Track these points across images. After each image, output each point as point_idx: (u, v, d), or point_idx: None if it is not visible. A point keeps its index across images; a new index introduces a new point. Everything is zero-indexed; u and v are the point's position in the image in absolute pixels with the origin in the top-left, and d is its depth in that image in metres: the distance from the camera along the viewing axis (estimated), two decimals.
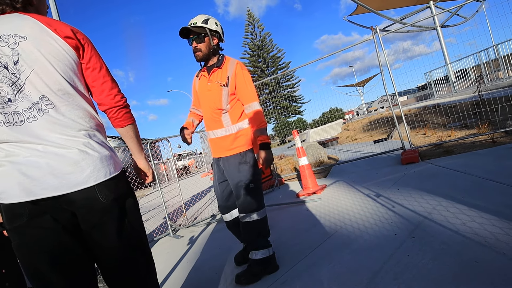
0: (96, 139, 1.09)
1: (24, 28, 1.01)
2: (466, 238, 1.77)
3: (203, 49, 2.06)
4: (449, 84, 12.72)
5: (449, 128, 5.66)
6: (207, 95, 2.12)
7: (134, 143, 1.26)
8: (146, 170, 1.36)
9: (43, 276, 0.98)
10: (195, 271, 2.52)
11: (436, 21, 13.00)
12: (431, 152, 4.55)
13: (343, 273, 1.80)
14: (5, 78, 0.97)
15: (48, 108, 1.00)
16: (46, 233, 0.98)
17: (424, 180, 3.22)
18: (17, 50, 0.99)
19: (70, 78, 1.06)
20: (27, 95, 0.98)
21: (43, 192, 0.95)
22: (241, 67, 2.07)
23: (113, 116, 1.17)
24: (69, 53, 1.06)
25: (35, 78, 0.99)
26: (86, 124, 1.07)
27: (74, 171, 0.98)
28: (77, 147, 1.01)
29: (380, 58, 4.74)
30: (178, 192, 4.57)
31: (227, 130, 2.08)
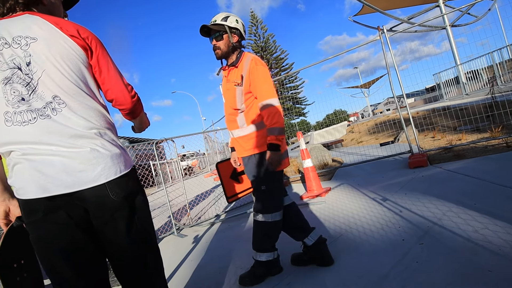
0: (107, 137, 1.11)
1: (35, 29, 1.04)
2: (479, 246, 1.70)
3: (221, 46, 2.02)
4: (460, 85, 12.48)
5: (460, 132, 5.54)
6: (226, 95, 2.10)
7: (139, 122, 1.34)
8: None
9: (57, 269, 1.02)
10: (199, 270, 2.50)
11: (446, 20, 12.77)
12: (440, 156, 4.45)
13: (349, 277, 1.76)
14: (19, 79, 1.01)
15: (61, 107, 1.03)
16: (60, 228, 1.02)
17: (433, 185, 3.13)
18: (29, 51, 1.02)
19: (80, 77, 1.08)
20: (40, 95, 1.02)
21: (57, 189, 0.98)
22: (255, 63, 1.96)
23: (125, 111, 1.21)
24: (77, 52, 1.08)
25: (47, 78, 1.02)
26: (97, 122, 1.09)
27: (86, 169, 1.01)
28: (88, 146, 1.04)
29: (387, 59, 4.65)
30: (182, 191, 4.56)
31: (242, 131, 2.04)
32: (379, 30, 4.64)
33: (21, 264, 1.19)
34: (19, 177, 1.00)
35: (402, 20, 12.08)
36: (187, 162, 17.43)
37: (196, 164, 17.70)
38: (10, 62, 1.01)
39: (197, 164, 17.72)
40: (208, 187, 7.26)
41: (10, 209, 1.17)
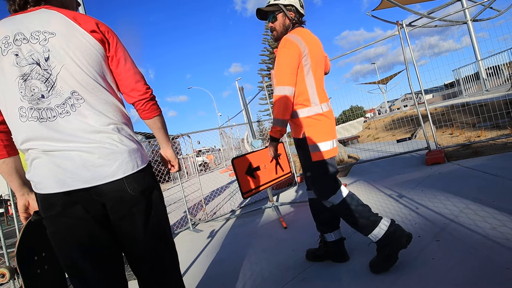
0: (124, 132, 1.11)
1: (53, 24, 1.03)
2: (497, 243, 1.69)
3: (277, 27, 1.94)
4: (480, 81, 12.08)
5: (479, 128, 5.39)
6: None
7: (161, 133, 1.28)
8: (173, 160, 1.37)
9: (74, 263, 1.03)
10: (214, 265, 2.56)
11: (467, 15, 12.36)
12: (458, 152, 4.36)
13: (364, 273, 1.78)
14: (38, 74, 1.01)
15: (80, 102, 1.03)
16: (77, 222, 1.03)
17: (451, 182, 3.09)
18: (47, 46, 1.01)
19: (98, 72, 1.08)
20: (59, 91, 1.02)
21: (76, 184, 0.99)
22: (282, 43, 1.83)
23: (140, 108, 1.19)
24: (95, 47, 1.07)
25: (65, 73, 1.02)
26: (115, 118, 1.09)
27: (104, 164, 1.02)
28: (106, 141, 1.04)
29: (406, 54, 4.58)
30: (198, 187, 4.64)
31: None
32: (398, 25, 4.56)
33: (42, 257, 1.20)
34: (38, 172, 1.01)
35: (422, 15, 11.73)
36: (202, 157, 17.62)
37: (212, 159, 17.81)
38: (29, 57, 1.00)
39: (212, 159, 17.83)
40: (223, 182, 7.35)
41: (30, 203, 1.18)
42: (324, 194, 1.86)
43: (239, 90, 4.82)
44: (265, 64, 41.92)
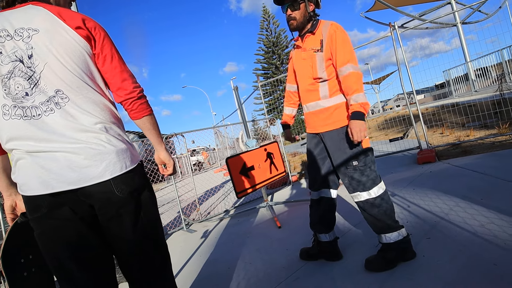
0: (113, 132, 1.08)
1: (37, 20, 1.00)
2: (485, 240, 1.74)
3: (297, 16, 1.89)
4: (469, 82, 12.32)
5: (468, 128, 5.50)
6: (302, 65, 1.96)
7: (152, 134, 1.23)
8: (167, 162, 1.33)
9: (62, 265, 1.01)
10: (208, 265, 2.55)
11: (457, 18, 12.59)
12: (448, 152, 4.44)
13: (357, 272, 1.80)
14: (21, 72, 0.98)
15: (64, 101, 1.00)
16: (64, 223, 1.00)
17: (441, 180, 3.15)
18: (30, 43, 0.98)
19: (84, 70, 1.05)
20: (43, 89, 0.99)
21: (61, 186, 0.96)
22: (335, 27, 1.81)
23: (128, 108, 1.14)
24: (81, 44, 1.03)
25: (49, 71, 0.99)
26: (103, 117, 1.06)
27: (90, 165, 0.99)
28: (93, 141, 1.01)
29: (398, 55, 4.64)
30: (191, 187, 4.63)
31: (324, 102, 1.88)
32: (390, 27, 4.62)
33: (30, 259, 1.18)
34: (22, 173, 0.99)
35: (414, 17, 11.91)
36: (197, 157, 17.52)
37: (207, 157, 17.69)
38: (12, 55, 0.98)
39: (207, 157, 17.71)
40: (217, 182, 7.34)
41: (17, 204, 1.16)
42: (371, 181, 1.79)
43: (234, 90, 4.83)
44: (260, 63, 41.96)
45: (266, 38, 41.48)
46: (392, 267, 1.74)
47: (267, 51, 41.69)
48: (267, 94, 36.77)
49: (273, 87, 34.69)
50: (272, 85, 31.60)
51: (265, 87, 31.65)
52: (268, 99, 35.18)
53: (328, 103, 1.87)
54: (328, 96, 1.87)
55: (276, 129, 6.01)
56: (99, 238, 1.06)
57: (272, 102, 32.76)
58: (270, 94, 36.18)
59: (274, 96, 36.08)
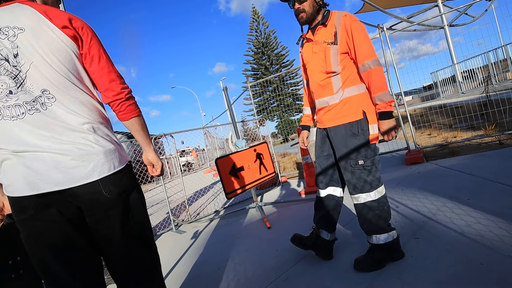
0: (101, 132, 1.06)
1: (22, 19, 0.99)
2: (472, 240, 1.76)
3: (306, 8, 1.81)
4: (456, 84, 12.60)
5: (455, 129, 5.61)
6: (314, 59, 1.87)
7: (140, 136, 1.22)
8: (155, 163, 1.33)
9: (48, 267, 0.99)
10: (197, 266, 2.53)
11: (444, 20, 12.87)
12: (436, 152, 4.52)
13: (346, 272, 1.80)
14: (7, 71, 0.96)
15: (51, 101, 0.98)
16: (51, 225, 0.99)
17: (429, 181, 3.19)
18: (16, 42, 0.97)
19: (71, 70, 1.03)
20: (29, 89, 0.97)
21: (47, 187, 0.95)
22: (350, 18, 1.73)
23: (116, 109, 1.14)
24: (67, 44, 1.02)
25: (35, 71, 0.97)
26: (90, 117, 1.05)
27: (78, 166, 0.97)
28: (80, 141, 0.99)
29: (386, 57, 4.70)
30: (181, 187, 4.58)
31: (336, 96, 1.80)
32: (379, 28, 4.67)
33: (17, 261, 1.17)
34: (8, 174, 0.97)
35: (402, 19, 12.10)
36: (186, 157, 17.40)
37: (197, 156, 17.58)
38: None
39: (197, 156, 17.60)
40: (207, 183, 7.29)
41: (4, 204, 1.14)
42: (375, 182, 1.76)
43: (223, 90, 4.79)
44: (249, 64, 41.95)
45: (256, 39, 41.53)
46: (381, 267, 1.73)
47: (256, 51, 41.74)
48: (256, 95, 36.77)
49: (263, 88, 34.80)
50: (261, 86, 31.65)
51: (255, 88, 31.59)
52: (258, 99, 35.24)
53: (340, 96, 1.79)
54: (341, 89, 1.79)
55: (265, 130, 6.01)
56: (86, 239, 1.05)
57: (261, 103, 32.83)
58: (259, 95, 36.20)
59: (263, 97, 36.14)
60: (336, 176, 1.98)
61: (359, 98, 1.77)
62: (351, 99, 1.77)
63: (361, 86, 1.78)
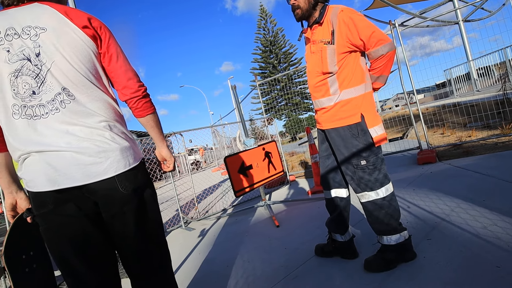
0: (117, 130, 1.10)
1: (44, 19, 1.02)
2: (487, 242, 1.70)
3: (301, 4, 1.77)
4: (471, 82, 12.26)
5: (470, 128, 5.47)
6: (312, 59, 1.84)
7: (155, 132, 1.26)
8: (168, 159, 1.36)
9: (66, 260, 1.04)
10: (207, 263, 2.54)
11: (459, 15, 12.52)
12: (449, 152, 4.41)
13: (356, 271, 1.77)
14: (29, 70, 0.99)
15: (70, 99, 1.02)
16: (69, 220, 1.03)
17: (442, 181, 3.12)
18: (38, 42, 1.00)
19: (90, 69, 1.07)
20: (49, 87, 1.00)
21: (66, 182, 0.98)
22: (348, 12, 1.67)
23: (133, 106, 1.17)
24: (87, 43, 1.05)
25: (56, 70, 1.00)
26: (107, 115, 1.08)
27: (95, 162, 1.00)
28: (97, 139, 1.03)
29: (398, 54, 4.61)
30: (190, 185, 4.61)
31: (333, 98, 1.77)
32: (390, 25, 4.58)
33: (31, 256, 1.20)
34: (29, 170, 1.00)
35: (414, 15, 11.84)
36: (194, 156, 17.53)
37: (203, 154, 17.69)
38: (20, 53, 0.99)
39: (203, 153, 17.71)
40: (215, 181, 7.33)
41: (17, 201, 1.17)
42: (381, 180, 1.73)
43: (232, 89, 4.79)
44: (257, 63, 41.90)
45: (264, 37, 41.42)
46: (391, 267, 1.70)
47: (264, 50, 41.64)
48: (264, 94, 36.73)
49: (271, 86, 34.67)
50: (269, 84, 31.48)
51: (263, 87, 31.61)
52: (266, 98, 35.17)
53: (337, 98, 1.76)
54: (338, 91, 1.75)
55: (273, 129, 5.98)
56: (102, 234, 1.09)
57: (269, 102, 32.74)
58: (267, 94, 36.14)
59: (271, 96, 36.03)
60: (339, 177, 1.96)
61: (358, 101, 1.74)
62: (349, 102, 1.74)
63: (359, 88, 1.74)
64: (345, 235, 1.96)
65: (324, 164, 2.00)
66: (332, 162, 1.96)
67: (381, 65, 1.71)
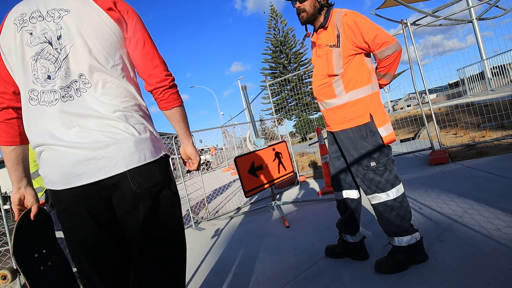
0: (134, 121, 0.99)
1: (69, 1, 0.97)
2: (501, 244, 1.68)
3: (307, 8, 1.78)
4: (485, 81, 11.98)
5: (484, 128, 5.35)
6: (318, 63, 1.87)
7: (180, 127, 1.16)
8: (193, 157, 1.26)
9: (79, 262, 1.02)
10: (217, 263, 2.56)
11: (473, 14, 12.26)
12: (462, 153, 4.33)
13: (367, 273, 1.77)
14: (49, 54, 0.94)
15: (86, 87, 0.94)
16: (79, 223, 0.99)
17: (455, 182, 3.07)
18: (60, 24, 0.95)
19: (111, 54, 0.99)
20: (66, 72, 0.94)
21: (78, 180, 0.93)
22: (351, 15, 1.69)
23: (158, 97, 1.08)
24: (110, 27, 0.98)
25: (74, 54, 0.94)
26: (124, 104, 0.99)
27: (105, 156, 0.92)
28: (110, 130, 0.94)
29: (410, 54, 4.55)
30: (200, 185, 4.65)
31: (340, 99, 1.78)
32: (402, 24, 4.53)
33: (43, 253, 1.16)
34: (44, 166, 0.97)
35: (427, 14, 11.65)
36: (205, 156, 17.63)
37: (214, 152, 17.75)
38: (42, 36, 0.95)
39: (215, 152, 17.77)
40: (225, 181, 7.36)
41: (25, 197, 1.13)
42: (393, 183, 1.72)
43: (242, 89, 4.82)
44: (267, 63, 41.87)
45: (274, 37, 41.34)
46: (403, 269, 1.69)
47: (274, 50, 41.56)
48: (274, 94, 36.67)
49: (281, 86, 34.55)
50: (280, 84, 31.39)
51: (273, 87, 31.57)
52: (276, 98, 35.11)
53: (344, 99, 1.77)
54: (344, 92, 1.76)
55: (283, 129, 5.98)
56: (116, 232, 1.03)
57: (279, 102, 32.66)
58: (277, 94, 36.08)
59: (281, 96, 35.93)
60: (349, 179, 1.96)
61: (366, 101, 1.74)
62: (357, 102, 1.75)
63: (366, 88, 1.75)
64: (355, 236, 1.96)
65: (335, 166, 2.01)
66: (342, 164, 1.96)
67: (387, 64, 1.74)
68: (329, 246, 2.13)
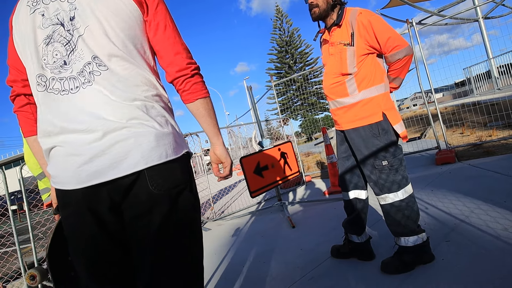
0: (155, 112, 0.88)
1: None
2: (508, 244, 1.67)
3: (320, 3, 1.77)
4: (491, 80, 11.86)
5: (490, 128, 5.30)
6: (330, 61, 1.85)
7: (206, 123, 1.01)
8: (223, 160, 1.08)
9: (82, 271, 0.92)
10: (223, 263, 2.58)
11: (479, 13, 12.13)
12: (469, 152, 4.30)
13: (372, 274, 1.78)
14: (61, 36, 0.86)
15: (101, 69, 0.85)
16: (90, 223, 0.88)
17: (461, 182, 3.05)
18: (75, 4, 0.87)
19: (130, 38, 0.89)
20: (79, 55, 0.85)
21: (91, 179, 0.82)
22: (367, 14, 1.68)
23: (180, 88, 0.96)
24: (129, 8, 0.89)
25: (88, 36, 0.86)
26: (143, 93, 0.88)
27: (122, 152, 0.81)
28: (127, 122, 0.83)
29: (416, 53, 4.53)
30: (206, 186, 4.67)
31: (353, 98, 1.77)
32: (407, 23, 4.52)
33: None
34: (53, 163, 0.88)
35: (432, 13, 11.56)
36: None
37: None
38: (54, 17, 0.87)
39: None
40: (231, 181, 7.39)
41: None
42: (402, 184, 1.72)
43: (248, 89, 4.84)
44: (273, 63, 41.90)
45: (279, 37, 41.37)
46: (409, 270, 1.69)
47: (280, 50, 41.58)
48: (280, 94, 36.65)
49: (286, 86, 34.54)
50: (285, 84, 31.36)
51: (278, 87, 31.57)
52: (281, 98, 35.11)
53: (356, 98, 1.76)
54: (357, 91, 1.76)
55: (289, 129, 5.99)
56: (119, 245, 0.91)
57: (285, 102, 32.67)
58: (283, 94, 36.07)
59: (287, 96, 35.93)
60: (357, 179, 1.96)
61: (379, 100, 1.74)
62: (371, 100, 1.74)
63: (379, 87, 1.75)
64: (361, 236, 1.96)
65: (343, 165, 2.00)
66: (352, 163, 1.95)
67: (397, 68, 1.76)
68: (335, 247, 2.13)
